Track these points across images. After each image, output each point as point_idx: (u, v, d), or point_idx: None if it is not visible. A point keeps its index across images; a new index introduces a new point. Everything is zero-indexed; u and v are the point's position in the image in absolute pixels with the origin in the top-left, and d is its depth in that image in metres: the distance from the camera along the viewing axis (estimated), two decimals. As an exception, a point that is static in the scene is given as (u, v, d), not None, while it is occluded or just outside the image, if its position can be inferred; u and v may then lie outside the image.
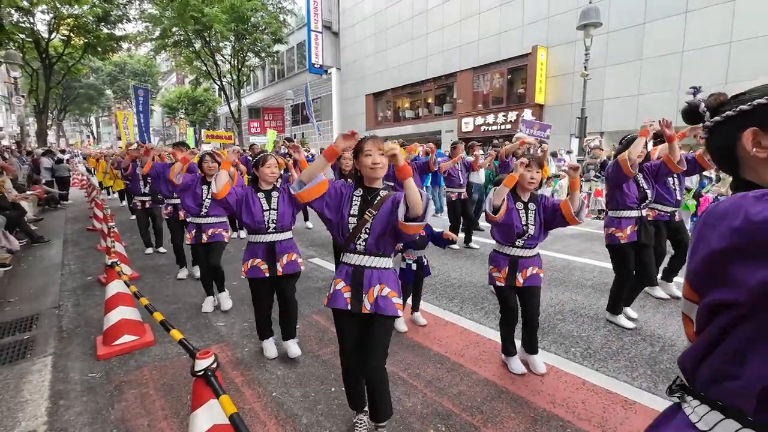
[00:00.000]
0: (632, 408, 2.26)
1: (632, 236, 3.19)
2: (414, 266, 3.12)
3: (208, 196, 3.72)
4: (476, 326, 3.38)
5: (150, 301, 3.51)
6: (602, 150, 11.91)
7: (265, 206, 2.70)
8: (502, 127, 16.13)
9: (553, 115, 14.58)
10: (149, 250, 5.97)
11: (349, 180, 4.42)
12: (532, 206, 2.54)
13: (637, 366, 2.72)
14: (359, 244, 1.86)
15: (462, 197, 5.90)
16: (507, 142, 10.94)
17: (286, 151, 7.69)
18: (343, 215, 1.88)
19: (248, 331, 3.34)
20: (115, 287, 3.11)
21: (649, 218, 3.61)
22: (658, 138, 3.64)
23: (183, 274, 4.81)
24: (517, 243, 2.53)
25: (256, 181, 2.81)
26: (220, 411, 1.38)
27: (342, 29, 24.98)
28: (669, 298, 3.89)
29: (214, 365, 1.49)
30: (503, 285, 2.57)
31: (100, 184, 14.13)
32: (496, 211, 2.46)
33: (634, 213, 3.24)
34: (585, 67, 10.50)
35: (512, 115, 15.68)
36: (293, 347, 2.85)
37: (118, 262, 3.21)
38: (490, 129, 16.65)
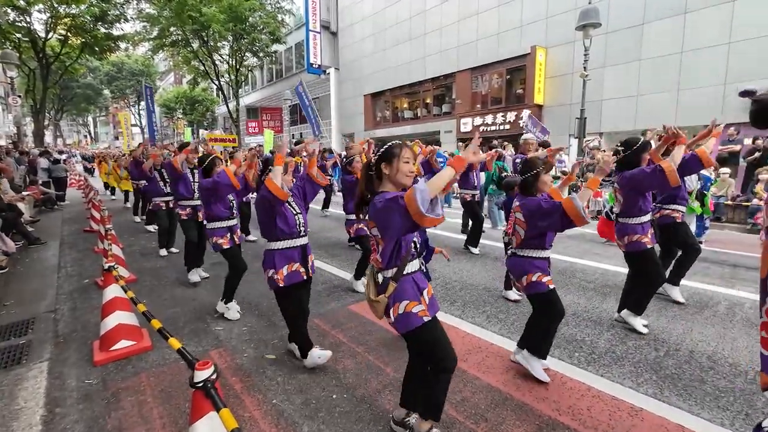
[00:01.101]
0: (639, 415, 2.22)
1: (653, 239, 3.25)
2: None
3: (233, 198, 3.78)
4: (479, 330, 3.34)
5: (148, 305, 3.47)
6: (603, 151, 11.90)
7: (292, 211, 2.73)
8: (501, 127, 16.10)
9: (552, 116, 14.58)
10: (164, 252, 5.88)
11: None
12: None
13: (642, 371, 2.68)
14: (418, 249, 1.90)
15: (476, 198, 5.82)
16: (506, 143, 10.93)
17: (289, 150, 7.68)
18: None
19: (247, 335, 3.30)
20: (113, 291, 3.06)
21: (677, 220, 3.73)
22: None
23: (196, 277, 4.65)
24: (553, 245, 2.62)
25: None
26: (221, 423, 1.33)
27: (340, 29, 24.93)
28: (684, 302, 3.84)
29: (214, 376, 1.44)
30: (553, 287, 2.57)
31: (106, 185, 14.07)
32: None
33: (650, 216, 3.28)
34: (584, 67, 10.48)
35: (511, 116, 15.66)
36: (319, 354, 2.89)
37: (116, 266, 3.16)
38: (489, 129, 16.62)
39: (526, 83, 15.32)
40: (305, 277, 2.74)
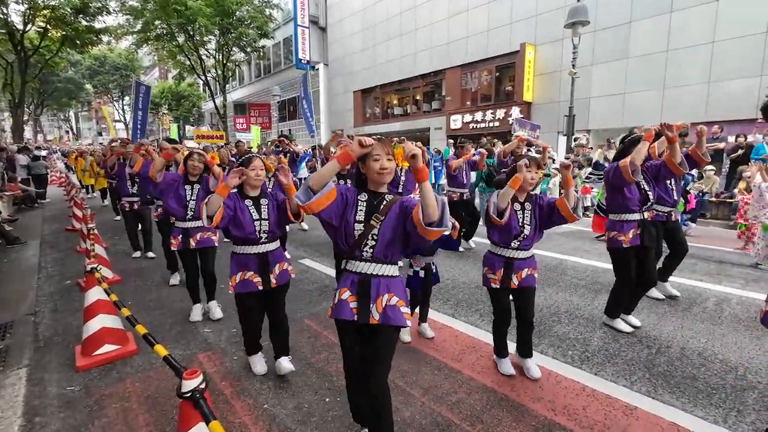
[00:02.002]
0: (633, 414, 2.22)
1: (634, 240, 3.13)
2: (422, 273, 2.98)
3: (193, 198, 3.47)
4: (472, 329, 3.32)
5: (133, 307, 3.37)
6: (590, 148, 12.02)
7: (255, 216, 2.48)
8: (491, 124, 16.14)
9: (541, 113, 14.66)
10: (137, 254, 5.66)
11: (348, 181, 4.24)
12: (528, 206, 2.53)
13: (635, 369, 2.69)
14: (366, 251, 1.75)
15: (465, 198, 5.80)
16: (496, 140, 10.94)
17: (280, 149, 7.51)
18: (348, 221, 1.75)
19: (237, 338, 3.21)
20: (95, 294, 2.95)
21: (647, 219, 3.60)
22: (657, 136, 3.60)
23: (175, 279, 4.54)
24: (512, 245, 2.51)
25: (240, 185, 2.56)
26: (210, 435, 1.27)
27: (329, 25, 24.69)
28: (664, 299, 3.89)
29: (203, 385, 1.38)
30: (498, 287, 2.55)
31: (80, 182, 13.69)
32: (501, 215, 2.40)
33: (636, 216, 3.17)
34: (573, 65, 10.54)
35: (500, 113, 15.72)
36: (286, 365, 2.64)
37: (98, 268, 3.05)
38: (478, 126, 16.65)
39: (516, 80, 15.37)
40: (260, 288, 2.50)
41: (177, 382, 1.38)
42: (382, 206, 1.76)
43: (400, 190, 4.12)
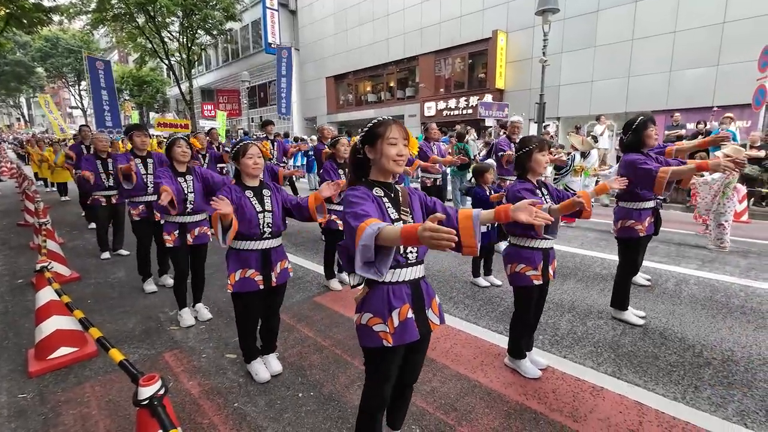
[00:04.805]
0: (600, 395, 2.30)
1: (650, 228, 3.08)
2: None
3: (191, 190, 3.14)
4: (446, 317, 3.33)
5: (93, 306, 3.19)
6: (555, 136, 12.25)
7: (258, 208, 2.32)
8: (464, 111, 16.23)
9: (512, 101, 14.85)
10: (106, 255, 5.10)
11: (343, 172, 3.78)
12: (544, 191, 2.42)
13: (601, 351, 2.78)
14: (410, 254, 1.50)
15: (438, 183, 5.82)
16: (469, 127, 10.99)
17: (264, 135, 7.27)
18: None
19: (206, 334, 3.11)
20: (47, 295, 2.76)
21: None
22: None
23: (152, 286, 4.03)
24: (550, 235, 2.36)
25: (238, 176, 2.41)
26: (171, 444, 1.20)
27: (300, 8, 23.97)
28: (650, 285, 3.97)
29: (162, 392, 1.30)
30: (541, 282, 2.38)
31: (36, 175, 12.84)
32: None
33: (652, 203, 3.09)
34: (543, 53, 10.66)
35: (473, 100, 15.80)
36: (275, 363, 2.57)
37: (50, 265, 2.84)
38: (452, 114, 16.71)
39: (488, 68, 15.47)
40: (262, 287, 2.36)
41: (133, 394, 1.29)
42: (400, 198, 1.56)
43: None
